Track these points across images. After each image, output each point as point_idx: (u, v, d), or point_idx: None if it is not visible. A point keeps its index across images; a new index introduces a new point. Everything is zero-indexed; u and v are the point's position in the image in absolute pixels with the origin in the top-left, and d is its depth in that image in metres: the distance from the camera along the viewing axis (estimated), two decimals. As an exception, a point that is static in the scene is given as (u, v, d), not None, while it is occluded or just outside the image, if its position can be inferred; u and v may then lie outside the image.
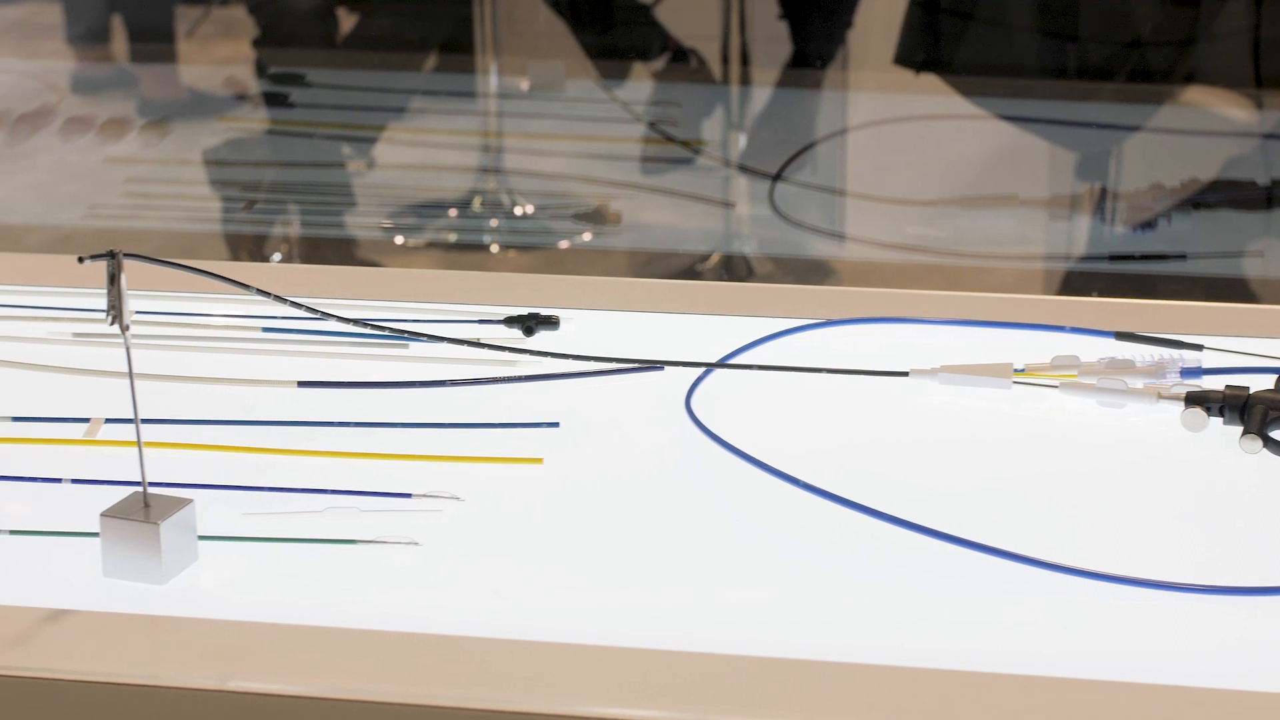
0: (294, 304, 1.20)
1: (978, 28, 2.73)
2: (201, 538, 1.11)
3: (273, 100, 3.05)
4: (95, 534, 1.10)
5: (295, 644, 1.02)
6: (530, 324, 1.38)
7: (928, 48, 2.81)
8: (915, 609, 1.05)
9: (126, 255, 1.07)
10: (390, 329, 1.32)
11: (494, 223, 3.15)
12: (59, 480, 1.19)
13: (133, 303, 1.09)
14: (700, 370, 1.31)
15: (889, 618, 1.04)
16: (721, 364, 1.33)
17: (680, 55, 3.12)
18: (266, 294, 1.17)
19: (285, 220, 3.11)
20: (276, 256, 3.00)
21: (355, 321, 1.29)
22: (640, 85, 3.20)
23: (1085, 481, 1.20)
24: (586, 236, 3.04)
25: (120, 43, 3.65)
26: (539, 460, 1.21)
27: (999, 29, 2.75)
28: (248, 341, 1.39)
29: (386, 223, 3.11)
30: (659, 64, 3.14)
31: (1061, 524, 1.14)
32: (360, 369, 1.35)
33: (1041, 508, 1.16)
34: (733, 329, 1.41)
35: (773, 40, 3.11)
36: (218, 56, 3.70)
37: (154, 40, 3.56)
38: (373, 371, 1.35)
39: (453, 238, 3.16)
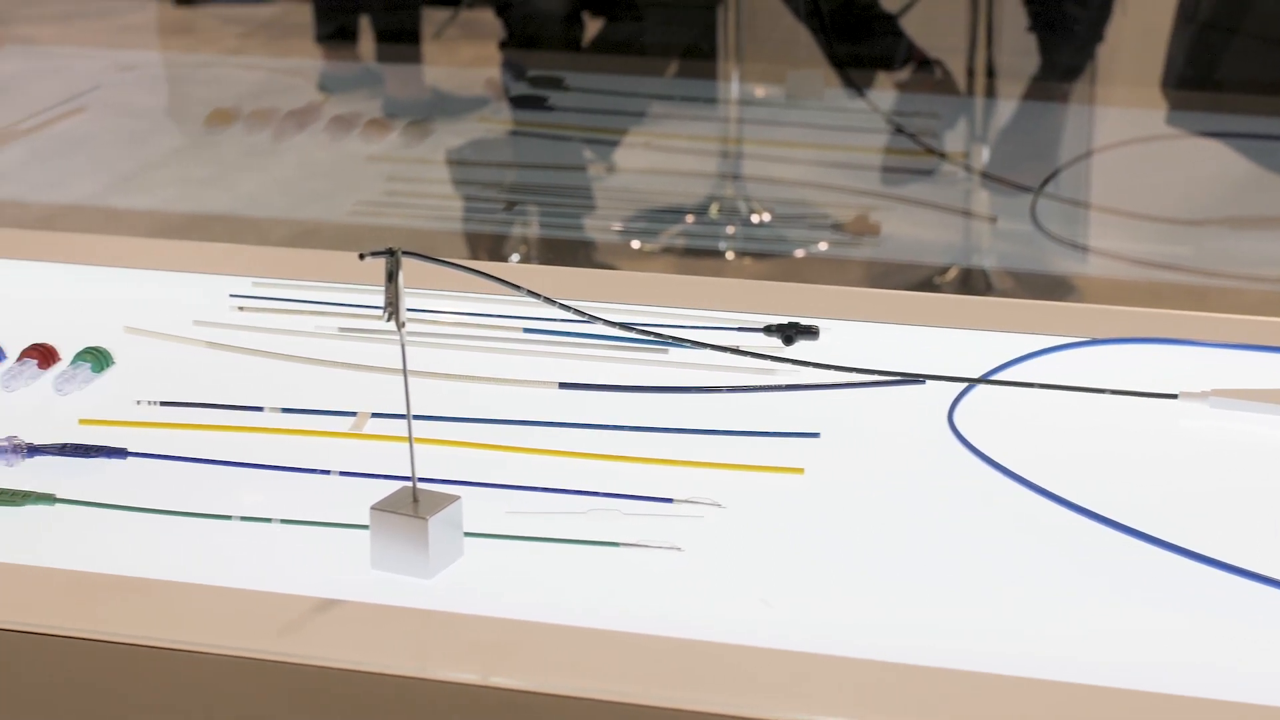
0: (563, 306, 1.21)
1: (1246, 42, 2.67)
2: (466, 534, 1.12)
3: (529, 102, 3.09)
4: (363, 526, 1.12)
5: (558, 643, 1.03)
6: (790, 333, 1.37)
7: (1198, 66, 2.76)
8: (1176, 635, 1.03)
9: (405, 253, 1.08)
10: (654, 334, 1.33)
11: (730, 229, 3.15)
12: (328, 472, 1.22)
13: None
14: (962, 385, 1.29)
15: (1150, 642, 1.02)
16: (986, 380, 1.31)
17: (925, 66, 3.09)
18: (537, 295, 1.18)
19: (525, 221, 3.14)
20: (515, 257, 3.03)
21: (621, 326, 1.29)
22: (881, 95, 3.18)
23: (1363, 513, 1.16)
24: (823, 246, 3.03)
25: (367, 43, 3.71)
26: (800, 470, 1.20)
27: (1267, 44, 2.68)
28: (509, 341, 1.40)
29: (618, 226, 3.12)
30: (903, 74, 3.12)
31: (1339, 556, 1.11)
32: (618, 372, 1.36)
33: (1317, 539, 1.13)
34: (992, 344, 1.39)
35: (1020, 53, 3.07)
36: (462, 58, 3.76)
37: (400, 41, 3.62)
38: (631, 375, 1.35)
39: (688, 243, 3.17)
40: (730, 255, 3.15)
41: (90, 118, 3.25)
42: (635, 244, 3.12)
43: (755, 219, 3.14)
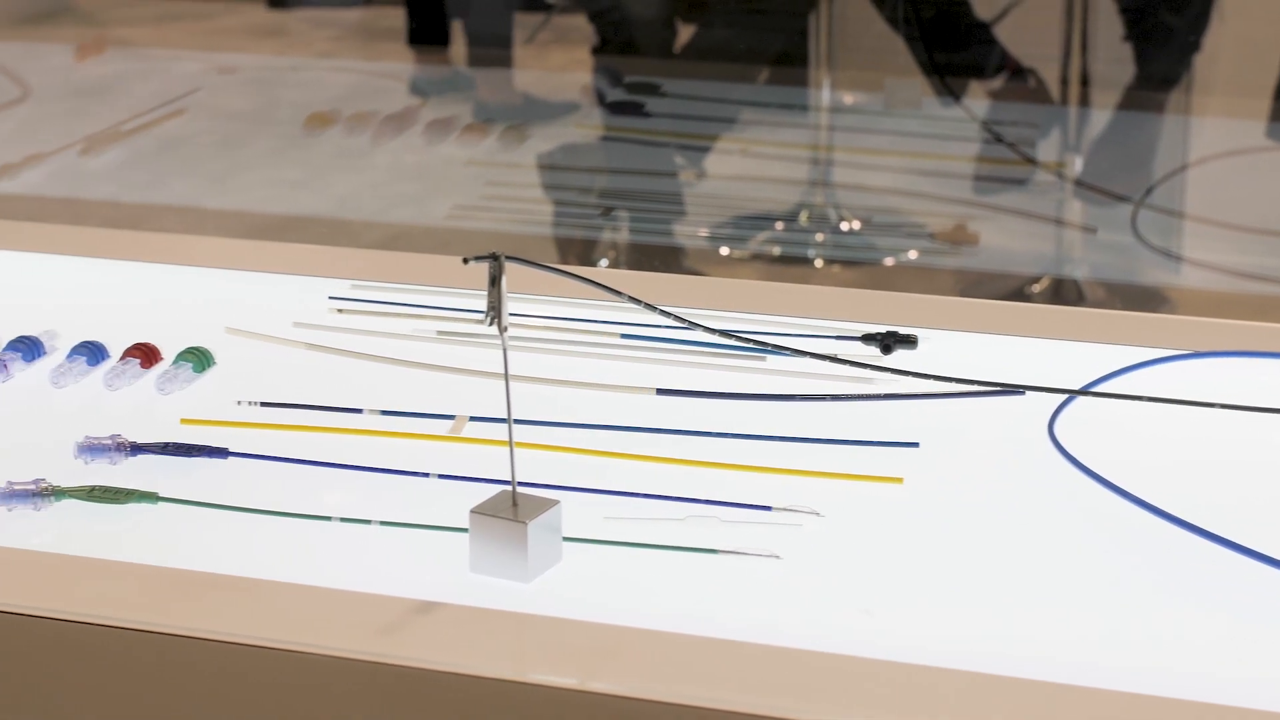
0: (663, 313, 1.21)
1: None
2: (565, 539, 1.12)
3: (626, 108, 3.09)
4: (462, 529, 1.13)
5: (657, 649, 1.03)
6: (888, 342, 1.37)
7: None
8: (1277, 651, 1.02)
9: (507, 258, 1.08)
10: (753, 341, 1.32)
11: (819, 237, 3.14)
12: (426, 475, 1.22)
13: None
14: (1063, 396, 1.28)
15: (1255, 658, 1.01)
16: (1090, 391, 1.30)
17: (1018, 74, 3.08)
18: (638, 301, 1.18)
19: (614, 226, 3.14)
20: (603, 262, 3.04)
21: (720, 333, 1.29)
22: (974, 103, 3.16)
23: None
24: (912, 254, 3.02)
25: (459, 47, 3.73)
26: (899, 480, 1.20)
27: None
28: (605, 347, 1.41)
29: (704, 232, 3.12)
30: (996, 83, 3.10)
31: None
32: (715, 379, 1.36)
33: None
34: (1090, 355, 1.38)
35: (1115, 62, 3.05)
36: (552, 63, 3.76)
37: (492, 45, 3.63)
38: (728, 382, 1.35)
39: (777, 250, 3.16)
40: (819, 263, 3.14)
41: (184, 120, 3.28)
42: (724, 250, 3.12)
43: (844, 227, 3.13)
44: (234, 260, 1.60)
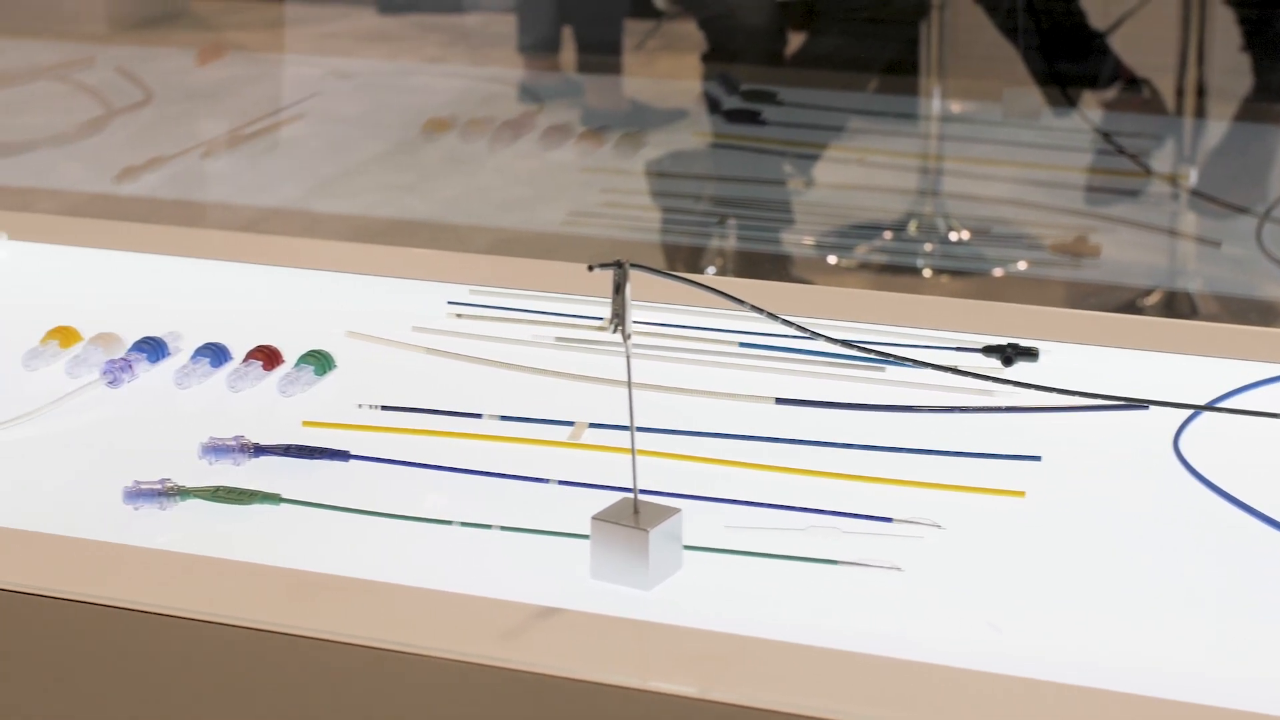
0: (786, 322, 1.21)
1: None
2: (685, 547, 1.12)
3: (742, 116, 3.09)
4: (582, 535, 1.13)
5: (778, 659, 1.03)
6: (1009, 354, 1.36)
7: None
8: None
9: (632, 266, 1.08)
10: (874, 352, 1.32)
11: (928, 247, 3.13)
12: (546, 480, 1.22)
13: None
14: (1188, 411, 1.27)
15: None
16: (1214, 407, 1.29)
17: (1133, 84, 3.05)
18: (760, 311, 1.18)
19: (722, 234, 3.14)
20: (711, 270, 3.04)
21: (842, 343, 1.29)
22: (1088, 113, 3.14)
23: None
24: (1021, 265, 3.00)
25: (569, 53, 3.74)
26: (1021, 493, 1.19)
27: None
28: (724, 355, 1.40)
29: (809, 240, 3.11)
30: (1109, 93, 3.07)
31: None
32: (834, 389, 1.35)
33: None
34: (1213, 370, 1.37)
35: (1232, 73, 3.02)
36: (661, 70, 3.77)
37: (601, 52, 3.64)
38: (847, 392, 1.35)
39: (884, 259, 3.15)
40: (927, 273, 3.13)
41: (296, 124, 3.31)
42: (831, 259, 3.11)
43: (954, 237, 3.11)
44: (354, 264, 1.61)
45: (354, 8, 4.38)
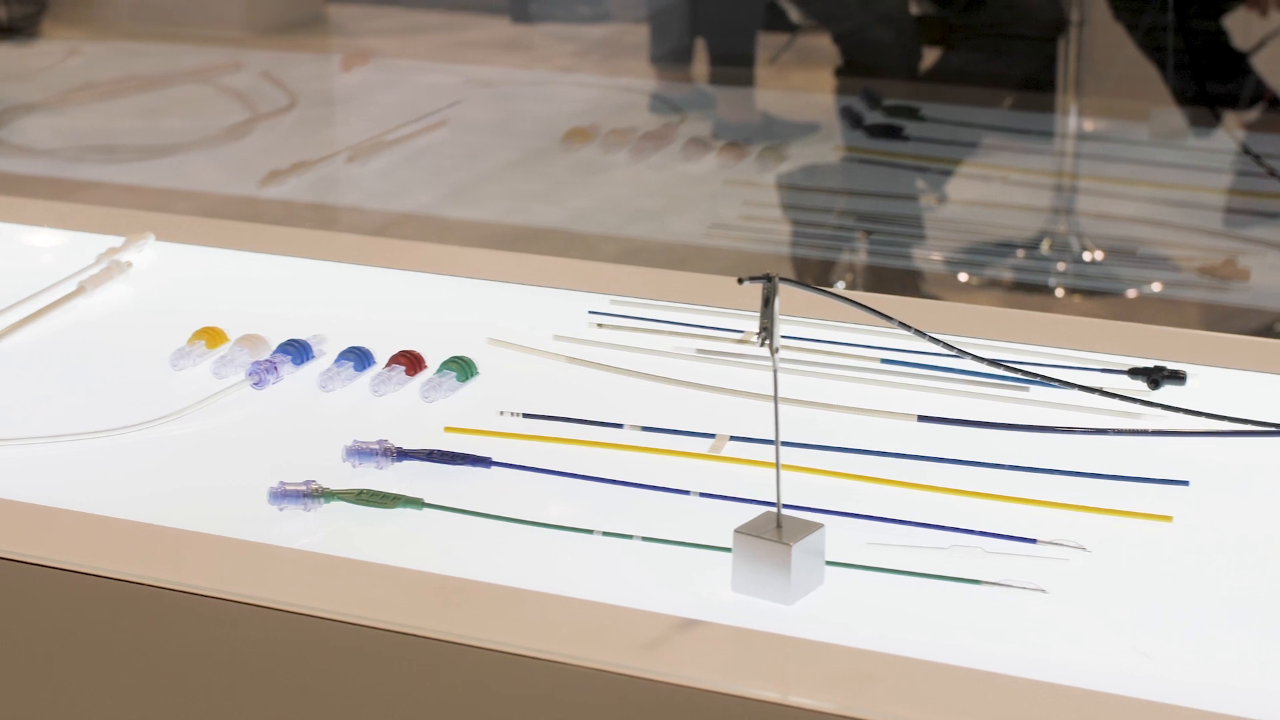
0: (933, 339, 1.20)
1: None
2: (826, 562, 1.12)
3: (884, 131, 3.08)
4: (722, 548, 1.13)
5: (920, 678, 1.02)
6: (1156, 377, 1.34)
7: None
8: None
9: (782, 280, 1.08)
10: (1021, 371, 1.31)
11: (1061, 266, 3.10)
12: (687, 492, 1.23)
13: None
14: (1339, 439, 1.25)
15: None
16: (1366, 435, 1.27)
17: (1274, 105, 3.01)
18: (907, 327, 1.18)
19: (852, 248, 3.13)
20: (840, 284, 3.03)
21: (990, 362, 1.28)
22: (1230, 134, 3.10)
23: None
24: (1156, 287, 2.96)
25: (701, 65, 3.74)
26: (1168, 518, 1.18)
27: None
28: (865, 371, 1.40)
29: (936, 256, 3.09)
30: (1251, 114, 3.03)
31: None
32: (976, 407, 1.34)
33: None
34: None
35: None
36: (793, 83, 3.76)
37: (734, 64, 3.64)
38: (989, 411, 1.34)
39: (1015, 278, 3.13)
40: (1060, 292, 3.10)
41: (435, 131, 3.34)
42: (962, 276, 3.09)
43: (1087, 256, 3.08)
44: (496, 271, 1.62)
45: (488, 16, 4.41)
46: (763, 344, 1.10)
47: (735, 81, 3.62)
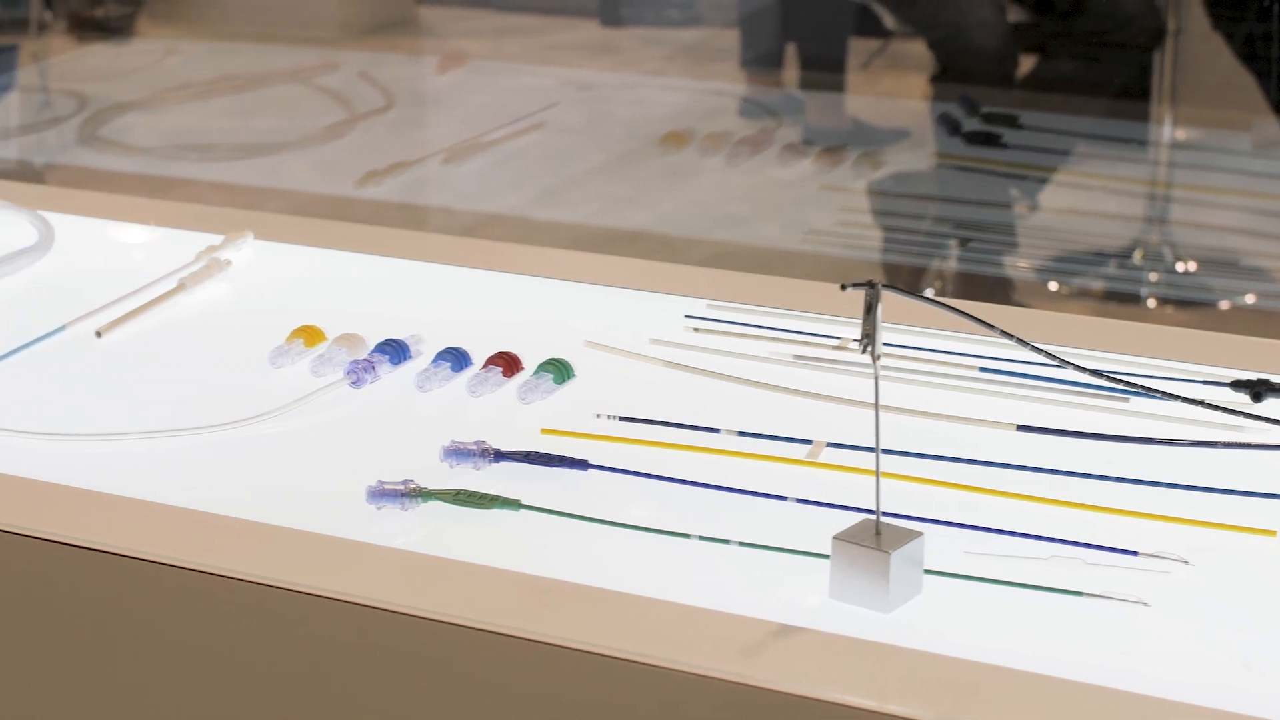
0: (1034, 349, 1.19)
1: None
2: (925, 571, 1.11)
3: (983, 139, 3.07)
4: (820, 554, 1.12)
5: (1019, 689, 1.01)
6: (1260, 390, 1.33)
7: None
8: None
9: (884, 286, 1.08)
10: (1122, 382, 1.29)
11: (1153, 276, 3.08)
12: (784, 498, 1.22)
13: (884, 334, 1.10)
14: None
15: None
16: None
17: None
18: (1010, 336, 1.17)
19: (943, 256, 3.12)
20: (929, 291, 3.01)
21: (1092, 372, 1.27)
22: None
23: None
24: (1250, 299, 2.94)
25: (791, 70, 3.74)
26: (1272, 532, 1.16)
27: None
28: (963, 379, 1.39)
29: (1024, 263, 3.08)
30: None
31: None
32: (1075, 418, 1.33)
33: None
34: None
35: None
36: (883, 89, 3.75)
37: (825, 69, 3.63)
38: (1088, 421, 1.33)
39: (1105, 287, 3.11)
40: (1151, 302, 3.08)
41: (530, 133, 3.35)
42: (1052, 285, 3.07)
43: (1180, 267, 3.06)
44: (591, 274, 1.62)
45: (578, 19, 4.43)
46: (864, 350, 1.09)
47: (825, 86, 3.62)
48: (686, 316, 1.51)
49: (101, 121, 3.50)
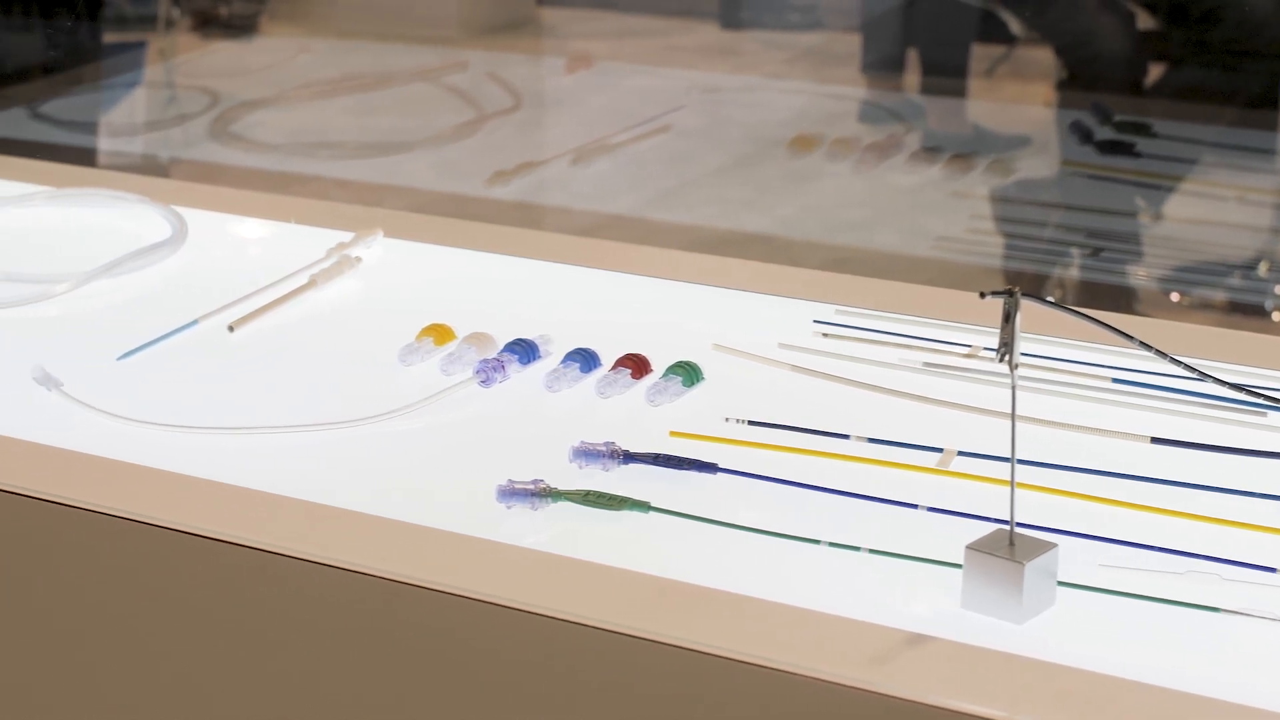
0: (1174, 361, 1.18)
1: None
2: (1059, 583, 1.10)
3: (1116, 148, 3.04)
4: (952, 564, 1.12)
5: (1153, 704, 1.00)
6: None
7: None
8: None
9: (1024, 295, 1.07)
10: (1265, 396, 1.28)
11: (1279, 289, 3.03)
12: (915, 506, 1.21)
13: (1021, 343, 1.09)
14: None
15: None
16: None
17: None
18: (1149, 347, 1.16)
19: (1065, 264, 3.09)
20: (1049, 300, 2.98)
21: (1233, 386, 1.25)
22: None
23: None
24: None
25: (912, 75, 3.72)
26: None
27: None
28: (1096, 390, 1.38)
29: (1144, 272, 3.04)
30: None
31: None
32: (1210, 431, 1.32)
33: None
34: None
35: None
36: (1005, 95, 3.72)
37: (946, 75, 3.61)
38: (1224, 435, 1.31)
39: (1229, 299, 3.06)
40: (1276, 315, 3.03)
41: (656, 135, 3.35)
42: (1174, 296, 3.03)
43: (1309, 280, 3.02)
44: (719, 277, 1.62)
45: (698, 22, 4.42)
46: (1002, 359, 1.08)
47: (946, 92, 3.60)
48: (815, 321, 1.51)
49: (232, 118, 3.53)
